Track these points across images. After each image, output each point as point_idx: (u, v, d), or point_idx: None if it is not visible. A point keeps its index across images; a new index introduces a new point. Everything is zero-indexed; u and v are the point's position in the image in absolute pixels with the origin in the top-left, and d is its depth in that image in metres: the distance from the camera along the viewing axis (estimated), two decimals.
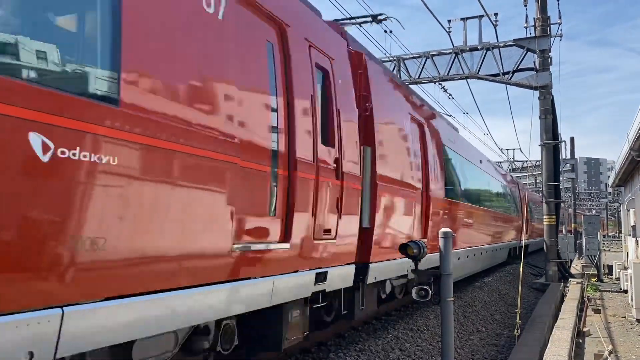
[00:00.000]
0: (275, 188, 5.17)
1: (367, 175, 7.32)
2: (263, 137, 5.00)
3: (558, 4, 19.07)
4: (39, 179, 2.98)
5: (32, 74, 3.16)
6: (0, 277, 2.82)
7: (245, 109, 4.73)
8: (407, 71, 19.83)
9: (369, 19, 10.95)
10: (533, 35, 18.08)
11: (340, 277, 6.55)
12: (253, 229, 4.83)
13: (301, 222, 5.52)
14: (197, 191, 4.06)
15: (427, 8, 10.68)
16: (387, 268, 7.97)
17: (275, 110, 5.25)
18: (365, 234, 7.20)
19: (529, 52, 18.06)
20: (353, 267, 6.89)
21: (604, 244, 28.46)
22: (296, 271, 5.51)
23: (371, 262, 7.30)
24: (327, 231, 6.09)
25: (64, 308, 3.10)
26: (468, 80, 19.22)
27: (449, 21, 18.80)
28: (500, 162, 41.04)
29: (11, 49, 3.05)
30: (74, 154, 3.14)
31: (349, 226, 6.65)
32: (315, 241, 5.83)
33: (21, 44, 3.09)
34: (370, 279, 7.31)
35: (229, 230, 4.39)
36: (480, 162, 16.80)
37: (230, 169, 4.41)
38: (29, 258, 2.95)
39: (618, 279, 18.67)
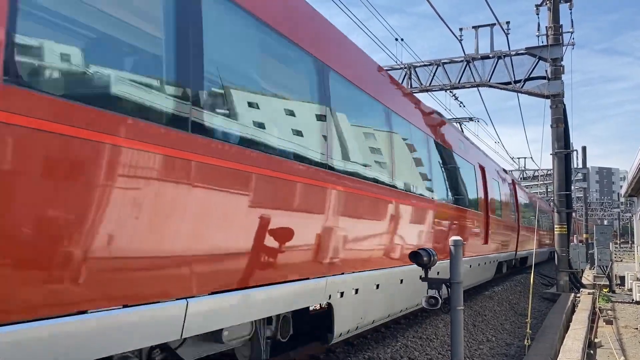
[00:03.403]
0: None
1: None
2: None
3: (570, 13, 18.99)
4: None
5: None
6: None
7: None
8: (418, 79, 19.80)
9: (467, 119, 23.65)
10: (545, 43, 18.02)
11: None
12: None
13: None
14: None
15: (440, 18, 10.70)
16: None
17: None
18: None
19: (540, 61, 17.99)
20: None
21: (615, 254, 28.17)
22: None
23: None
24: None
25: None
26: (479, 88, 19.17)
27: (461, 29, 18.78)
28: (512, 171, 40.82)
29: None
30: None
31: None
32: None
33: None
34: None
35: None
36: (525, 194, 26.29)
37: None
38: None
39: (630, 290, 18.47)
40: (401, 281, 8.30)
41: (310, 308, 6.36)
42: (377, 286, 7.35)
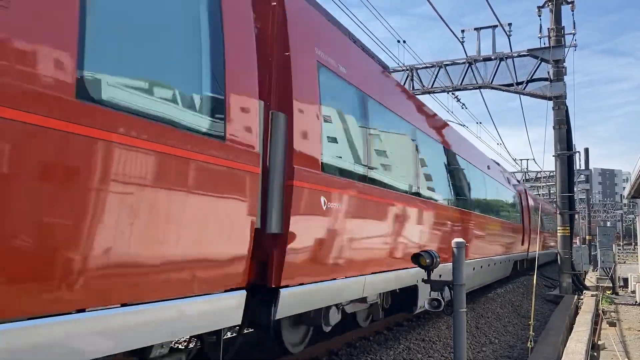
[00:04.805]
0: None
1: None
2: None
3: (572, 14, 18.98)
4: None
5: None
6: None
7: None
8: (420, 81, 19.81)
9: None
10: (547, 44, 18.02)
11: None
12: None
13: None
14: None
15: (442, 19, 10.70)
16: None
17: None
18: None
19: (542, 62, 17.98)
20: None
21: (619, 255, 28.11)
22: None
23: None
24: None
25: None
26: (481, 89, 19.17)
27: (463, 31, 18.79)
28: (514, 172, 40.79)
29: None
30: None
31: None
32: None
33: None
34: None
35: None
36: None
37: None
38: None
39: (634, 291, 18.42)
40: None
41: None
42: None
